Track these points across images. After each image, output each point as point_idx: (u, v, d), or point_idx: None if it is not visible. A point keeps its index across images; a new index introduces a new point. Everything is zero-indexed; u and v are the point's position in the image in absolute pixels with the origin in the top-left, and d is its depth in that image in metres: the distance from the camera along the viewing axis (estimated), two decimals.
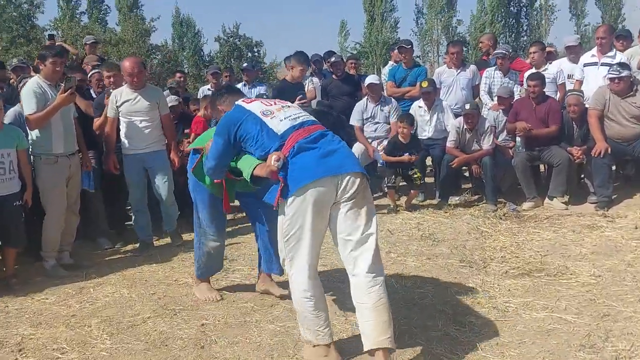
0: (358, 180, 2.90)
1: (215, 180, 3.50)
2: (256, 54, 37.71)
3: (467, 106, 6.61)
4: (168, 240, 5.58)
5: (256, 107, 3.15)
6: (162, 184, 5.38)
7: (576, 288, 4.01)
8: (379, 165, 7.00)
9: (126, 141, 5.31)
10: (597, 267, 4.38)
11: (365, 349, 2.89)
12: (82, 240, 5.43)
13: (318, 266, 3.05)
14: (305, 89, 7.64)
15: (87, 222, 5.41)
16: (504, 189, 6.86)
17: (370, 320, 2.87)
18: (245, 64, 8.32)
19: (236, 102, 3.26)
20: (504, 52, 7.19)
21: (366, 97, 7.20)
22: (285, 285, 3.57)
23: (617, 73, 5.99)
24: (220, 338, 3.31)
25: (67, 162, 4.77)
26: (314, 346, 3.02)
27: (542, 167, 7.13)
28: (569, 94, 6.53)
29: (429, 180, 7.43)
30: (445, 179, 6.64)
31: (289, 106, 3.26)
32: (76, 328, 3.52)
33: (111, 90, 5.29)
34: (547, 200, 6.38)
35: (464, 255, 4.78)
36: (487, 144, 6.53)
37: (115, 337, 3.36)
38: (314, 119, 3.21)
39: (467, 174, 7.27)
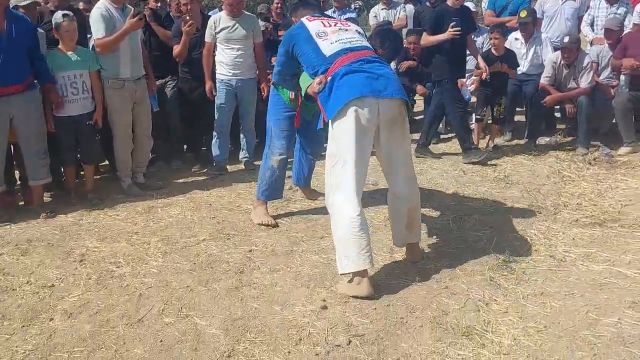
0: (399, 105, 3.13)
1: (291, 96, 3.85)
2: None
3: (566, 39, 6.07)
4: (241, 167, 5.76)
5: (314, 27, 3.33)
6: (247, 112, 5.58)
7: None
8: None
9: (221, 67, 5.44)
10: None
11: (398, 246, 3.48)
12: (161, 162, 5.77)
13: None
14: (396, 17, 7.39)
15: (165, 143, 5.72)
16: (602, 132, 6.32)
17: (401, 224, 3.34)
18: None
19: (301, 19, 3.49)
20: None
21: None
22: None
23: None
24: (263, 264, 3.46)
25: (133, 87, 4.84)
26: (349, 281, 3.07)
27: None
28: None
29: (520, 118, 6.99)
30: (535, 117, 6.22)
31: (346, 29, 3.39)
32: (136, 244, 3.82)
33: (187, 17, 5.39)
34: None
35: (535, 200, 4.54)
36: (585, 82, 5.99)
37: (167, 255, 3.61)
38: (366, 44, 3.36)
39: (558, 114, 6.78)
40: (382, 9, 7.41)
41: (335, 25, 3.40)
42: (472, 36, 6.62)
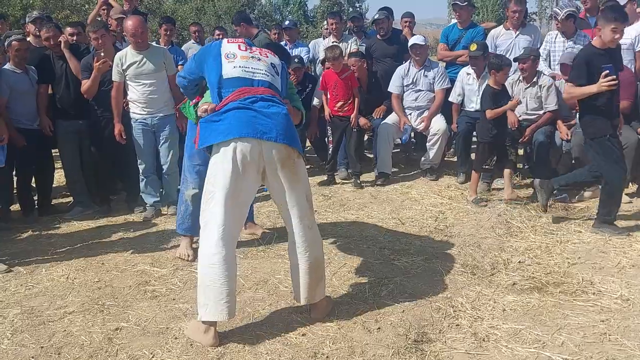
0: (282, 152, 2.91)
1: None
2: (358, 8, 36.61)
3: (523, 51, 5.72)
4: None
5: (228, 47, 3.18)
6: (167, 153, 5.16)
7: (590, 315, 3.18)
8: (401, 140, 6.28)
9: (134, 105, 5.05)
10: (630, 287, 3.49)
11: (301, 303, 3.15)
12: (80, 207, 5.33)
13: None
14: (348, 49, 7.00)
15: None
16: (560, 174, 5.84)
17: (303, 280, 3.06)
18: (287, 22, 7.72)
19: (223, 39, 3.40)
20: (567, 11, 5.99)
21: (409, 60, 6.41)
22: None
23: None
24: (123, 349, 2.89)
25: None
26: (202, 321, 2.88)
27: None
28: None
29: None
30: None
31: (259, 59, 3.20)
32: None
33: (101, 53, 4.95)
34: None
35: (472, 257, 4.02)
36: (551, 104, 5.56)
37: (17, 335, 3.04)
38: (271, 81, 3.16)
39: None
40: (333, 42, 6.98)
41: (251, 52, 3.22)
42: (423, 71, 6.24)
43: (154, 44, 5.55)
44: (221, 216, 2.83)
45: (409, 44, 6.32)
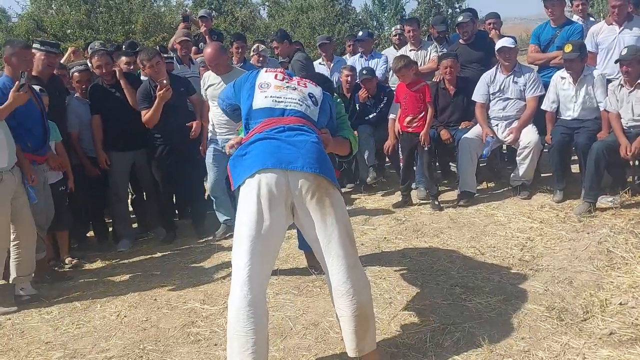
0: (311, 182, 2.63)
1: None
2: (457, 9, 35.39)
3: (624, 51, 4.97)
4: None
5: (264, 77, 3.03)
6: None
7: None
8: (482, 155, 5.66)
9: (211, 126, 5.13)
10: None
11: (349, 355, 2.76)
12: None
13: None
14: (426, 58, 6.54)
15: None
16: None
17: (349, 329, 2.69)
18: (361, 33, 7.34)
19: (262, 68, 3.28)
20: None
21: (497, 65, 5.83)
22: None
23: None
24: None
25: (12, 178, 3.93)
26: None
27: None
28: None
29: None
30: (593, 173, 5.00)
31: (294, 88, 3.00)
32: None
33: (162, 80, 4.88)
34: None
35: (559, 299, 3.43)
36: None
37: None
38: (305, 111, 2.93)
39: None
40: (411, 50, 6.53)
41: (288, 81, 3.02)
42: (513, 77, 5.63)
43: (237, 66, 5.50)
44: (246, 257, 2.56)
45: (496, 47, 5.74)
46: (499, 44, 5.74)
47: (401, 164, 5.71)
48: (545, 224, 4.77)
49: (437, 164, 6.57)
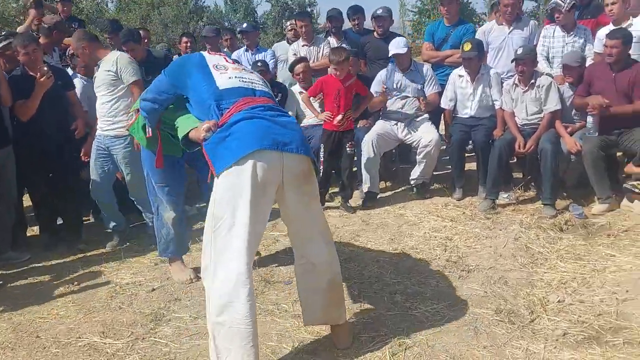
0: (305, 165, 2.59)
1: (148, 134, 3.22)
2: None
3: (520, 50, 5.06)
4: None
5: (213, 59, 2.87)
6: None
7: None
8: None
9: None
10: None
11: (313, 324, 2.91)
12: None
13: None
14: (320, 53, 6.23)
15: None
16: (569, 184, 5.24)
17: (326, 300, 2.76)
18: (245, 25, 6.89)
19: (202, 52, 3.05)
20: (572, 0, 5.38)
21: (392, 64, 5.68)
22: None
23: None
24: None
25: None
26: None
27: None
28: None
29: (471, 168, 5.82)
30: (494, 170, 5.04)
31: (250, 72, 2.96)
32: None
33: (43, 67, 4.20)
34: (625, 201, 4.76)
35: (502, 299, 3.31)
36: (551, 104, 4.95)
37: None
38: (268, 91, 2.84)
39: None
40: (304, 46, 6.20)
41: (238, 64, 2.97)
42: (410, 76, 5.52)
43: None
44: (244, 250, 2.42)
45: (390, 52, 5.52)
46: (391, 49, 5.52)
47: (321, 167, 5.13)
48: (456, 222, 4.70)
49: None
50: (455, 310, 3.19)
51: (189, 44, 6.57)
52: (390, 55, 5.51)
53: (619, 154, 5.22)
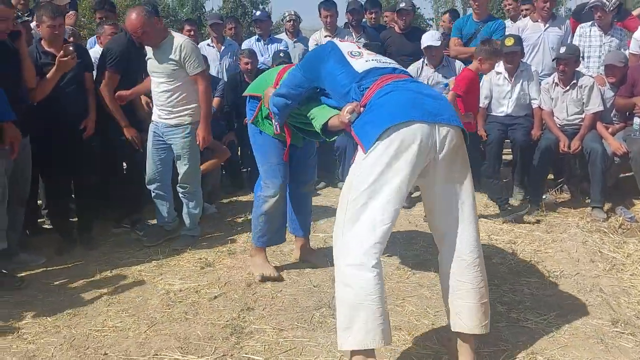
0: (455, 135, 2.34)
1: (276, 131, 3.16)
2: (261, 10, 35.36)
3: (562, 49, 4.92)
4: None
5: (347, 46, 2.73)
6: None
7: None
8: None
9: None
10: None
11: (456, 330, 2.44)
12: None
13: None
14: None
15: None
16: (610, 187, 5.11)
17: (470, 302, 2.39)
18: (258, 13, 6.44)
19: (331, 39, 3.03)
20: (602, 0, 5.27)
21: (422, 59, 5.42)
22: None
23: None
24: None
25: None
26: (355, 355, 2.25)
27: None
28: None
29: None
30: (537, 172, 4.85)
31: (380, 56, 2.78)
32: None
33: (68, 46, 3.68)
34: None
35: (610, 310, 3.06)
36: (594, 105, 4.81)
37: None
38: (407, 71, 2.73)
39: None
40: (326, 37, 5.84)
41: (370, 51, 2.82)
42: (441, 73, 5.27)
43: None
44: (379, 223, 2.24)
45: (422, 45, 5.29)
46: (424, 41, 5.29)
47: None
48: (509, 224, 4.46)
49: None
50: (568, 321, 2.91)
51: (192, 33, 6.07)
52: (423, 47, 5.26)
53: None
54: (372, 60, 2.62)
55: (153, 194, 4.10)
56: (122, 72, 4.14)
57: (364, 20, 6.33)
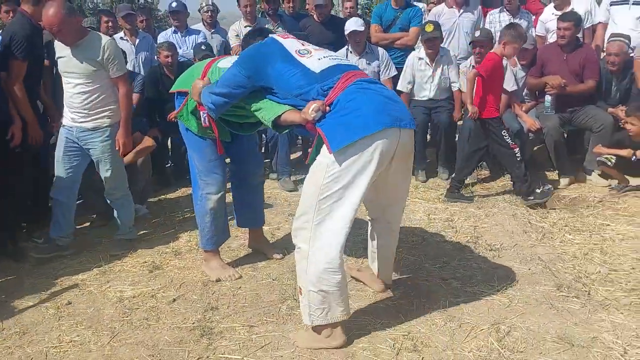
0: (411, 138, 2.64)
1: (204, 124, 3.13)
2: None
3: (477, 33, 5.21)
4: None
5: (291, 44, 2.71)
6: None
7: None
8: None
9: None
10: None
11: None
12: None
13: None
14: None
15: None
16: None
17: (390, 260, 3.04)
18: (174, 4, 6.19)
19: (270, 35, 2.93)
20: None
21: (347, 46, 5.50)
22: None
23: None
24: None
25: None
26: (315, 331, 2.61)
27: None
28: (610, 39, 5.17)
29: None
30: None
31: (326, 49, 2.89)
32: None
33: None
34: (594, 175, 5.07)
35: (551, 275, 3.30)
36: (508, 84, 5.14)
37: None
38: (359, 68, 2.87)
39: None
40: (246, 27, 5.72)
41: (311, 45, 2.83)
42: (365, 59, 5.38)
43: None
44: (347, 220, 2.48)
45: (346, 30, 5.37)
46: (348, 27, 5.38)
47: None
48: (442, 203, 4.67)
49: None
50: (519, 290, 3.12)
51: (110, 24, 5.76)
52: (347, 33, 5.34)
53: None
54: (324, 57, 2.65)
55: (55, 202, 3.80)
56: (30, 60, 3.79)
57: (280, 9, 6.29)
